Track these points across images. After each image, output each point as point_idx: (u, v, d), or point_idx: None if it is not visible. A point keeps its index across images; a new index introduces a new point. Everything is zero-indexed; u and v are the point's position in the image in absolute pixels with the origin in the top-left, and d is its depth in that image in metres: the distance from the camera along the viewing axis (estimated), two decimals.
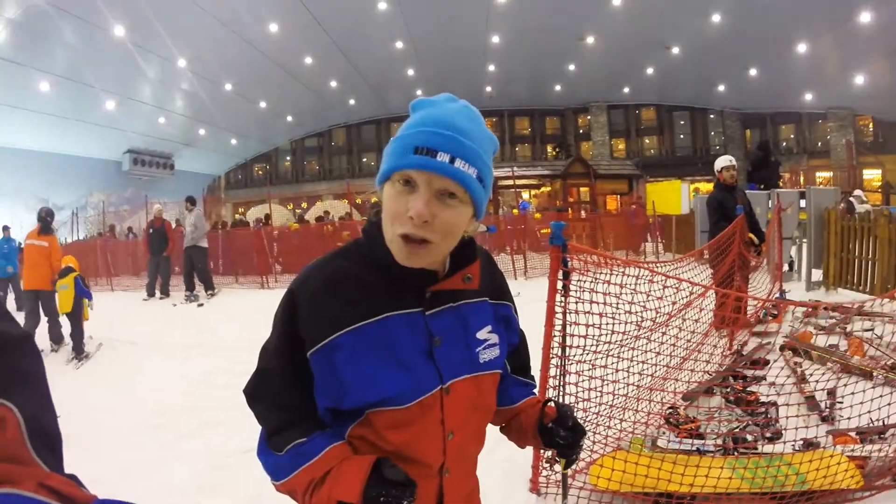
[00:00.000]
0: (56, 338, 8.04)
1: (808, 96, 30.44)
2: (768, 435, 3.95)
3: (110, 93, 25.19)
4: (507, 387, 1.39)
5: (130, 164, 31.55)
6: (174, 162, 34.11)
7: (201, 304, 11.01)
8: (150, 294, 12.23)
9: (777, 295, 6.87)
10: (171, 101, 28.92)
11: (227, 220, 27.10)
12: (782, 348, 5.75)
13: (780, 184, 26.58)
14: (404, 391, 1.10)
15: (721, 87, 32.02)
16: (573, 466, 1.46)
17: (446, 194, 1.05)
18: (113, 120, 27.22)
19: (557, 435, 1.30)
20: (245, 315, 9.26)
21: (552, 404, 1.34)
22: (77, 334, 7.70)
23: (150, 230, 12.38)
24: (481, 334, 1.22)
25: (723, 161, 7.10)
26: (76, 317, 7.66)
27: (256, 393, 1.19)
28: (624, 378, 3.56)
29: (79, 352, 7.64)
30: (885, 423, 3.87)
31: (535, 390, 1.47)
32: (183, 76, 26.55)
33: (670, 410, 4.27)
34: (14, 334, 0.76)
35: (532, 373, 1.50)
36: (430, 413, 1.13)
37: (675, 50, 28.16)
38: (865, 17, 21.82)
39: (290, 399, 1.15)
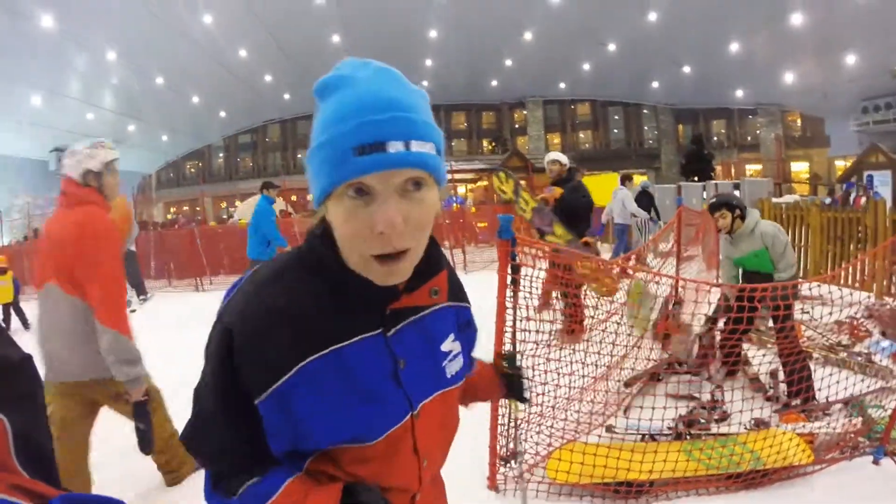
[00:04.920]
0: None
1: (739, 93, 31.74)
2: (716, 417, 4.02)
3: (36, 88, 23.86)
4: None
5: (57, 163, 29.94)
6: None
7: (133, 311, 10.47)
8: None
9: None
10: (99, 95, 27.68)
11: (158, 220, 26.14)
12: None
13: (713, 175, 27.54)
14: (372, 426, 0.96)
15: (655, 84, 32.99)
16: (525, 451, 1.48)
17: (410, 187, 0.86)
18: (39, 116, 25.80)
19: (514, 370, 1.41)
20: (181, 320, 8.84)
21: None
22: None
23: None
24: (445, 346, 1.07)
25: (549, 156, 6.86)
26: (17, 302, 9.57)
27: (196, 443, 0.99)
28: (578, 370, 3.53)
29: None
30: (828, 399, 3.99)
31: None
32: (112, 69, 25.44)
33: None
34: (14, 358, 0.81)
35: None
36: (401, 443, 1.00)
37: (612, 47, 28.80)
38: (797, 19, 22.83)
39: (237, 446, 0.95)
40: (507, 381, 1.40)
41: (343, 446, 0.94)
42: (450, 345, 1.08)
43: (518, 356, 1.45)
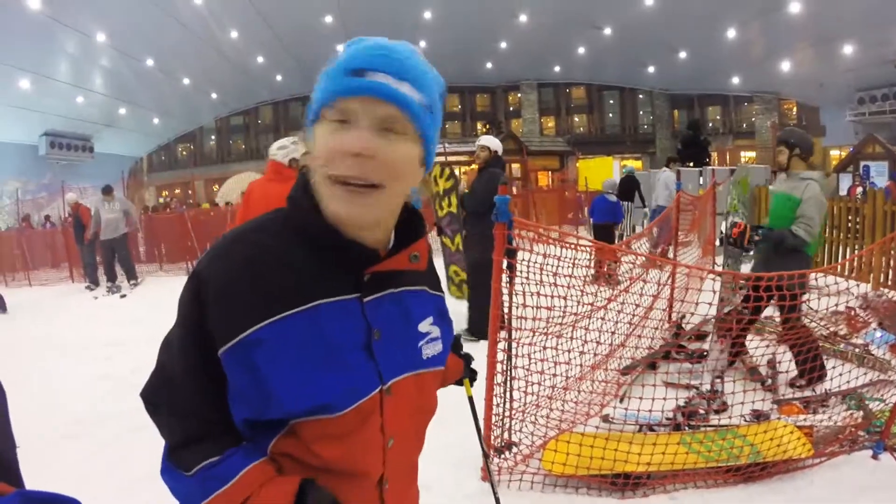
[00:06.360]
0: None
1: (735, 80, 31.56)
2: (715, 408, 3.96)
3: (25, 71, 23.38)
4: None
5: (48, 148, 29.45)
6: (94, 144, 32.15)
7: (124, 296, 10.37)
8: (95, 282, 11.47)
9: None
10: (89, 78, 27.19)
11: (150, 204, 25.90)
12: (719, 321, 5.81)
13: (708, 161, 27.50)
14: (340, 395, 0.91)
15: (651, 69, 32.74)
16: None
17: (389, 127, 0.88)
18: (28, 101, 25.25)
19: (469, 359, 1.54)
20: (171, 305, 8.68)
21: None
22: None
23: (74, 218, 11.70)
24: (423, 326, 1.05)
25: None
26: None
27: (156, 398, 0.95)
28: (574, 359, 3.46)
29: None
30: (827, 391, 3.94)
31: None
32: (102, 52, 24.97)
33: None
34: None
35: None
36: (368, 419, 0.95)
37: (607, 30, 28.54)
38: (795, 7, 22.64)
39: (198, 406, 0.92)
40: (465, 361, 1.52)
41: (308, 420, 0.90)
42: (428, 327, 1.06)
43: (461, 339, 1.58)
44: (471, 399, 1.75)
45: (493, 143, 6.11)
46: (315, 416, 0.90)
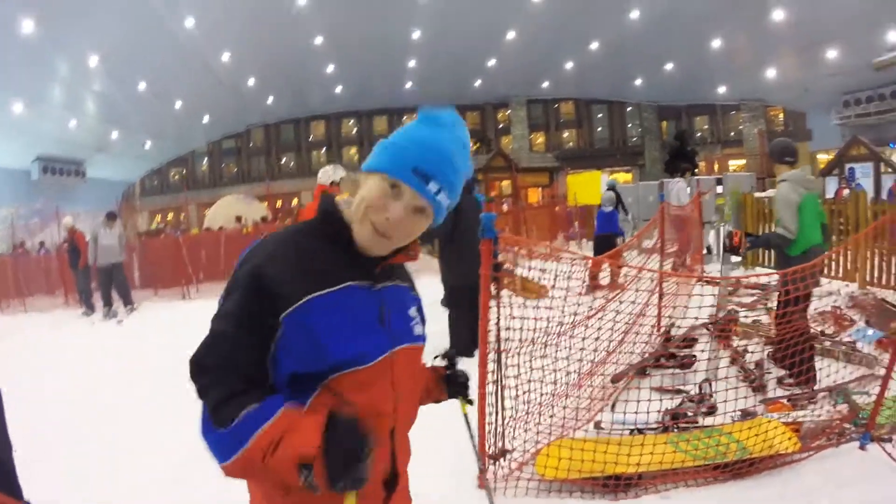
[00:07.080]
0: None
1: (722, 89, 31.97)
2: (704, 410, 4.04)
3: (17, 94, 23.31)
4: None
5: (40, 173, 29.34)
6: (86, 169, 32.10)
7: (121, 321, 10.36)
8: (90, 308, 11.39)
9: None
10: (82, 102, 27.08)
11: (142, 230, 25.82)
12: (708, 325, 5.88)
13: (695, 172, 27.72)
14: (371, 348, 1.23)
15: (638, 81, 33.10)
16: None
17: (419, 210, 1.22)
18: (20, 125, 25.01)
19: (459, 377, 1.63)
20: (169, 330, 8.65)
21: (437, 361, 1.67)
22: None
23: (69, 244, 11.65)
24: (411, 312, 1.40)
25: None
26: None
27: (207, 360, 1.16)
28: (564, 367, 3.54)
29: None
30: (813, 388, 4.03)
31: None
32: (95, 75, 24.93)
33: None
34: None
35: None
36: (385, 373, 1.26)
37: (594, 45, 28.88)
38: (778, 15, 23.03)
39: (245, 364, 1.15)
40: (447, 381, 1.63)
41: (345, 372, 1.19)
42: (414, 312, 1.41)
43: (457, 357, 1.70)
44: (466, 416, 1.88)
45: None
46: (352, 368, 1.20)
